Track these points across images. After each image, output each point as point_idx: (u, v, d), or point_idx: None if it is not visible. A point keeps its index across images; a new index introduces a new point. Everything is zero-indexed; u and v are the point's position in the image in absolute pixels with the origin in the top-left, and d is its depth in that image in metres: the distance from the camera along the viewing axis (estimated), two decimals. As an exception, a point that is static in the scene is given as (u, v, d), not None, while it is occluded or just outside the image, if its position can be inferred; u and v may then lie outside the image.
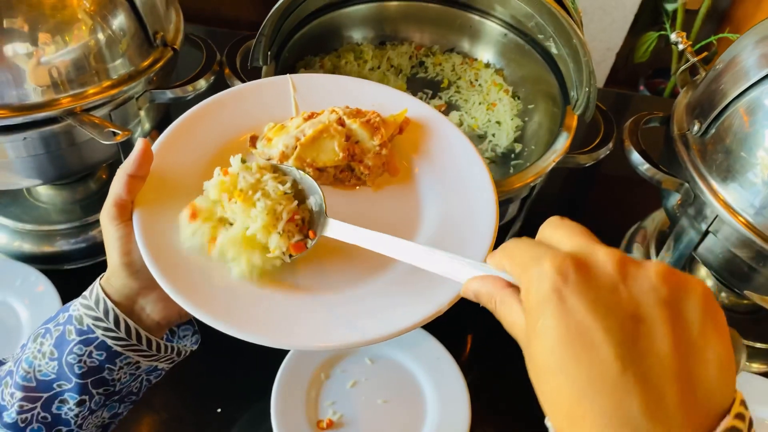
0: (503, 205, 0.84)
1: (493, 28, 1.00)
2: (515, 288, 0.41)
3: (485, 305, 0.44)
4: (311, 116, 0.63)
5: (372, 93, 0.69)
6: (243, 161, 0.58)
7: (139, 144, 0.56)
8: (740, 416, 0.34)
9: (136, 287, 0.59)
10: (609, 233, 1.16)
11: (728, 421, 0.33)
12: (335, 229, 0.54)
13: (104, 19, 0.79)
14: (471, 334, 1.04)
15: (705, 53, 0.95)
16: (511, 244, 0.41)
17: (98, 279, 0.60)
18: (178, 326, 0.68)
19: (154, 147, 0.61)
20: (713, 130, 0.84)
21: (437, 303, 0.53)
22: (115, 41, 0.80)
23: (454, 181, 0.62)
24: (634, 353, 0.34)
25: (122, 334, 0.58)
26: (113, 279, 0.59)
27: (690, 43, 0.95)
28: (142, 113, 0.89)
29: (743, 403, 0.35)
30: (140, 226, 0.55)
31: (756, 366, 0.99)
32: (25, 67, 0.74)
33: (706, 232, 0.86)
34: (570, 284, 0.35)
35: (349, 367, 0.92)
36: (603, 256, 0.36)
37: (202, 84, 0.89)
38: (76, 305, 0.59)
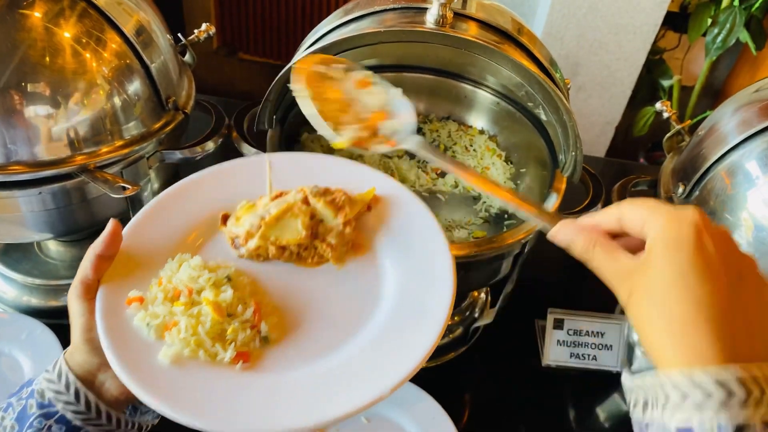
0: (495, 260, 0.87)
1: (485, 97, 1.06)
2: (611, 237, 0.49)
3: (577, 251, 0.50)
4: (278, 195, 0.66)
5: (345, 171, 0.71)
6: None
7: (109, 225, 0.60)
8: None
9: (96, 363, 0.60)
10: (605, 294, 1.17)
11: None
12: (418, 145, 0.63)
13: (120, 84, 0.85)
14: (468, 393, 1.04)
15: (689, 121, 1.00)
16: (628, 203, 0.49)
17: (63, 353, 0.62)
18: (137, 406, 0.68)
19: (128, 226, 0.64)
20: (697, 192, 0.87)
21: (383, 387, 0.53)
22: (129, 105, 0.86)
23: (414, 257, 0.64)
24: (739, 298, 0.43)
25: (82, 408, 0.59)
26: (75, 354, 0.60)
27: (675, 111, 1.00)
28: (152, 172, 0.94)
29: None
30: (101, 305, 0.57)
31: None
32: (44, 127, 0.80)
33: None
34: (708, 230, 0.45)
35: (344, 426, 0.93)
36: (723, 227, 0.47)
37: (210, 146, 0.94)
38: (39, 379, 0.61)
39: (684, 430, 0.41)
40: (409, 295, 0.61)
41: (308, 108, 0.70)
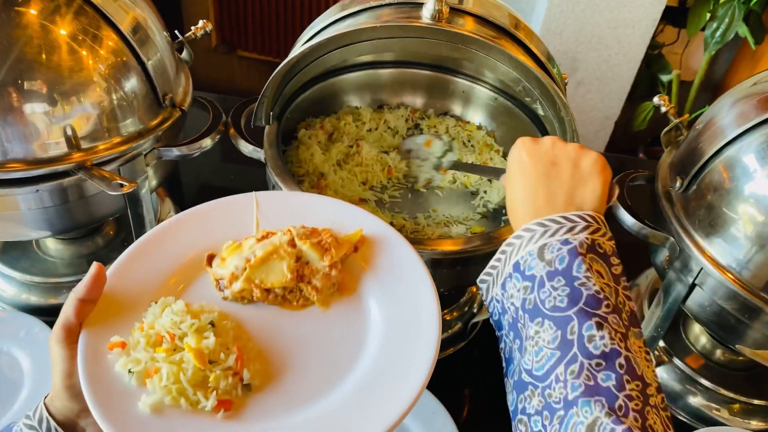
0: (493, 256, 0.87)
1: (483, 92, 1.06)
2: None
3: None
4: (265, 236, 0.66)
5: (333, 210, 0.71)
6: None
7: (92, 268, 0.59)
8: (594, 218, 0.62)
9: (77, 409, 0.60)
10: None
11: (584, 214, 0.62)
12: None
13: (117, 82, 0.85)
14: (467, 389, 1.04)
15: (687, 115, 0.99)
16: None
17: (43, 398, 0.61)
18: None
19: (111, 268, 0.63)
20: (694, 186, 0.87)
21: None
22: (126, 102, 0.86)
23: (400, 298, 0.64)
24: (546, 177, 0.65)
25: None
26: (56, 400, 0.60)
27: (672, 105, 1.00)
28: (150, 170, 0.94)
29: (603, 221, 0.64)
30: (83, 352, 0.57)
31: (754, 423, 0.99)
32: (41, 124, 0.80)
33: (693, 285, 0.88)
34: (525, 147, 0.67)
35: (343, 420, 0.93)
36: (547, 138, 0.68)
37: (207, 142, 0.94)
38: (20, 425, 0.60)
39: (513, 265, 0.61)
40: (393, 342, 0.60)
41: None
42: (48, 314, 1.01)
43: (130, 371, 0.56)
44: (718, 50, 2.14)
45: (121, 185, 0.78)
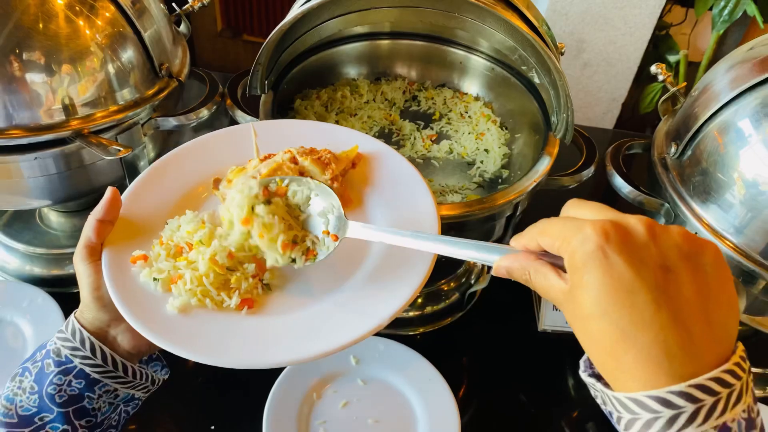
0: (487, 221, 0.87)
1: (480, 62, 1.05)
2: (544, 259, 0.46)
3: (518, 278, 0.47)
4: (267, 157, 0.69)
5: (326, 133, 0.75)
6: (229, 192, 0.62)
7: (108, 192, 0.63)
8: (743, 358, 0.41)
9: (107, 319, 0.63)
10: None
11: (737, 355, 0.41)
12: (356, 231, 0.59)
13: (114, 51, 0.86)
14: (466, 358, 1.05)
15: (684, 84, 0.99)
16: (543, 223, 0.46)
17: (73, 313, 0.64)
18: (147, 363, 0.71)
19: (126, 193, 0.67)
20: (689, 152, 0.87)
21: (374, 321, 0.57)
22: (123, 71, 0.87)
23: (401, 205, 0.67)
24: (666, 296, 0.40)
25: (99, 361, 0.62)
26: (86, 312, 0.63)
27: (670, 74, 0.99)
28: (148, 140, 0.95)
29: (744, 350, 0.42)
30: (108, 265, 0.61)
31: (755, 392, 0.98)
32: (39, 92, 0.81)
33: (688, 251, 0.87)
34: (611, 243, 0.41)
35: (341, 387, 0.94)
36: (634, 221, 0.42)
37: (204, 113, 0.95)
38: (53, 340, 0.63)
39: None
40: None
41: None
42: (51, 285, 1.03)
43: (155, 279, 0.60)
44: (727, 30, 2.12)
45: (118, 150, 0.79)
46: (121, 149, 0.79)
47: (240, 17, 2.72)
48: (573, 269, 0.42)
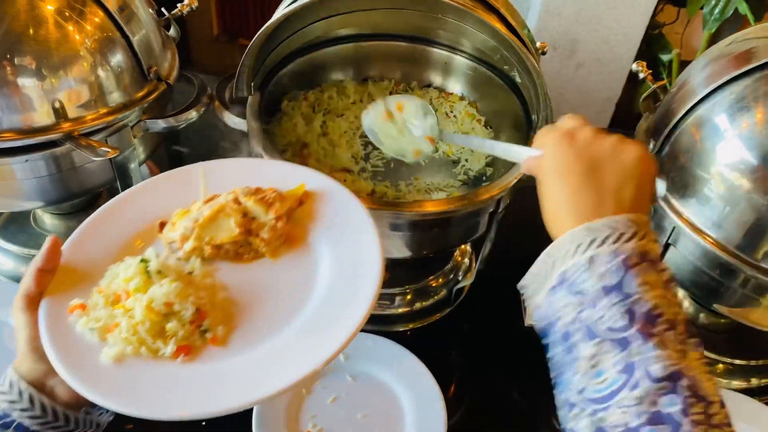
0: (471, 217, 0.89)
1: (463, 62, 1.07)
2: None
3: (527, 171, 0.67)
4: (211, 199, 0.70)
5: (276, 171, 0.75)
6: (144, 261, 0.63)
7: (47, 241, 0.64)
8: (641, 221, 0.57)
9: (44, 370, 0.61)
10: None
11: (635, 215, 0.57)
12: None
13: (103, 55, 0.88)
14: (454, 353, 1.06)
15: (665, 80, 1.00)
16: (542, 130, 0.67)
17: (10, 366, 0.63)
18: (93, 406, 0.69)
19: (68, 241, 0.67)
20: (667, 148, 0.88)
21: (315, 362, 0.57)
22: (112, 74, 0.89)
23: (345, 242, 0.68)
24: (591, 178, 0.59)
25: (38, 413, 0.60)
26: (23, 363, 0.62)
27: (650, 72, 1.01)
28: (138, 142, 0.97)
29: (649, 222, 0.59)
30: (45, 315, 0.61)
31: (736, 383, 1.00)
32: (30, 96, 0.83)
33: (667, 245, 0.89)
34: (563, 144, 0.61)
35: (330, 383, 0.95)
36: (587, 128, 0.63)
37: (193, 114, 0.97)
38: None
39: (559, 276, 0.56)
40: (340, 281, 0.64)
41: None
42: (45, 285, 1.05)
43: (91, 328, 0.59)
44: (719, 28, 2.13)
45: (106, 152, 0.81)
46: (110, 150, 0.81)
47: (236, 21, 2.74)
48: (543, 156, 0.63)
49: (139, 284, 0.61)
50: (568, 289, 0.55)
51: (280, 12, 0.83)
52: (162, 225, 0.70)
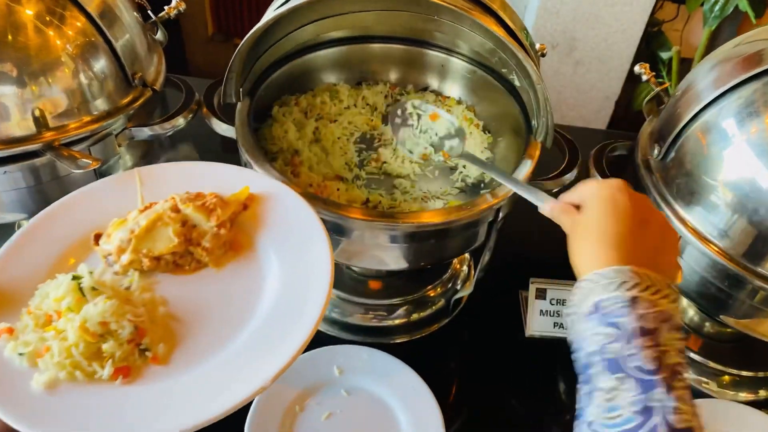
0: (469, 228, 0.85)
1: (460, 65, 1.04)
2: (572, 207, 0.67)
3: (553, 215, 0.69)
4: (148, 207, 0.66)
5: (217, 174, 0.72)
6: (76, 278, 0.59)
7: None
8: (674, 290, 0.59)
9: None
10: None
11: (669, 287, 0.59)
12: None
13: (85, 61, 0.84)
14: (453, 365, 1.03)
15: (668, 83, 0.97)
16: (570, 190, 0.69)
17: None
18: None
19: None
20: (672, 154, 0.85)
21: (259, 382, 0.55)
22: (94, 81, 0.85)
23: (293, 246, 0.64)
24: (640, 231, 0.62)
25: None
26: None
27: (653, 74, 0.98)
28: (125, 151, 0.94)
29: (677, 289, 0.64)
30: None
31: (743, 395, 0.97)
32: (8, 104, 0.80)
33: (673, 255, 0.86)
34: (625, 191, 0.63)
35: (324, 399, 0.92)
36: (644, 196, 0.66)
37: (180, 121, 0.94)
38: None
39: (594, 305, 0.56)
40: (288, 290, 0.61)
41: None
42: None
43: (20, 354, 0.56)
44: (719, 26, 2.10)
45: (87, 163, 0.78)
46: (91, 162, 0.78)
47: (231, 21, 2.71)
48: (591, 199, 0.64)
49: (72, 303, 0.57)
50: (600, 319, 0.56)
51: (269, 15, 0.79)
52: (97, 237, 0.66)
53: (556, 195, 0.71)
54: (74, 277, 0.60)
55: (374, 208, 0.89)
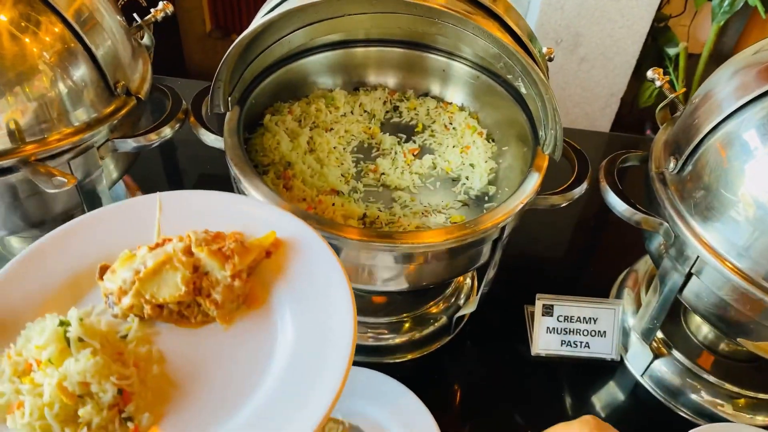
0: (473, 246, 0.80)
1: (463, 70, 0.98)
2: None
3: None
4: (159, 245, 0.58)
5: (245, 211, 0.64)
6: (63, 323, 0.53)
7: None
8: None
9: None
10: (599, 278, 1.11)
11: None
12: None
13: (63, 69, 0.79)
14: (456, 385, 0.99)
15: (683, 89, 0.92)
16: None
17: None
18: None
19: None
20: (690, 167, 0.80)
21: None
22: (73, 91, 0.80)
23: (313, 304, 0.57)
24: None
25: None
26: None
27: (667, 79, 0.92)
28: (110, 163, 0.88)
29: None
30: None
31: (760, 419, 0.92)
32: (-20, 118, 0.74)
33: (689, 275, 0.81)
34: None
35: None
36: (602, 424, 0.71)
37: (167, 132, 0.88)
38: None
39: None
40: (302, 360, 0.53)
41: None
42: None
43: None
44: (728, 21, 2.04)
45: (62, 182, 0.72)
46: (66, 180, 0.73)
47: (229, 17, 2.66)
48: None
49: (54, 354, 0.50)
50: None
51: (258, 21, 0.74)
52: (104, 270, 0.59)
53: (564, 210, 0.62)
54: (61, 323, 0.52)
55: (371, 225, 0.84)
